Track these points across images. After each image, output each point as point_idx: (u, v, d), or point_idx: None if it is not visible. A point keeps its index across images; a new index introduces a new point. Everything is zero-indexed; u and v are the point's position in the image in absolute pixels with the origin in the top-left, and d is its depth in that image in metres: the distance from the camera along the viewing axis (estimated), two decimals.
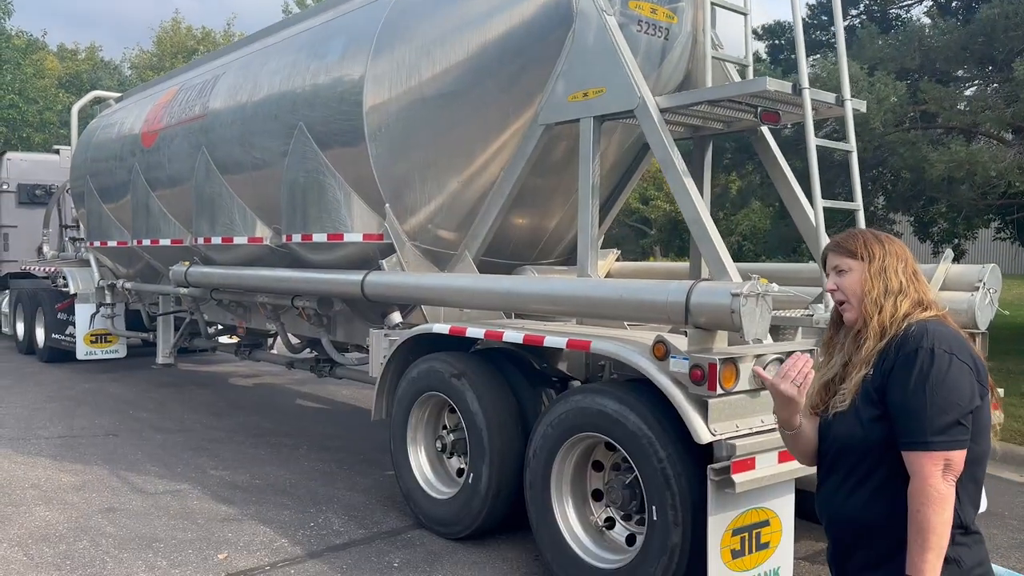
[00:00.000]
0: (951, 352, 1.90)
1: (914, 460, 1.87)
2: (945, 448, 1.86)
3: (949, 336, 1.95)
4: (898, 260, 2.07)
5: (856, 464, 2.00)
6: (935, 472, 1.84)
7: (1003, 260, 21.32)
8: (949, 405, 1.86)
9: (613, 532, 4.12)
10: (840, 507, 2.04)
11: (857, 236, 2.13)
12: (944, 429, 1.86)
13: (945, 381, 1.87)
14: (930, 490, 1.84)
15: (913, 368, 1.89)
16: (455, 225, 5.62)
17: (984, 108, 8.91)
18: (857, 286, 2.07)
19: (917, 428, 1.87)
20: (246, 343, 8.66)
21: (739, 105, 4.66)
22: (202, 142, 7.22)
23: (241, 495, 5.64)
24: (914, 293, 2.04)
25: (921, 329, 1.96)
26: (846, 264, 2.10)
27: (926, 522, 1.83)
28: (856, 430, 1.99)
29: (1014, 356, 10.52)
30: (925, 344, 1.91)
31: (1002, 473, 6.32)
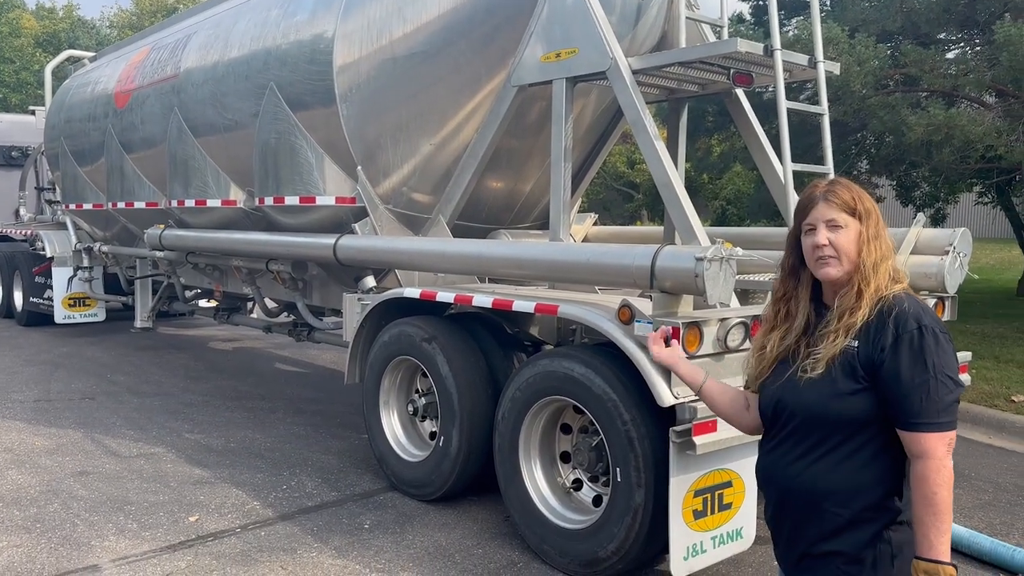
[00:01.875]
0: (943, 331, 1.89)
1: (925, 441, 1.83)
2: (950, 428, 1.86)
3: (934, 314, 1.93)
4: (879, 219, 2.01)
5: (825, 434, 1.95)
6: (946, 451, 1.84)
7: (984, 224, 21.40)
8: (952, 384, 1.86)
9: (580, 493, 4.16)
10: (800, 475, 1.98)
11: (851, 187, 2.02)
12: (948, 408, 1.86)
13: (947, 361, 1.87)
14: (944, 470, 1.82)
15: (917, 348, 1.85)
16: (429, 188, 5.58)
17: (966, 71, 8.87)
18: (852, 245, 1.97)
19: (926, 409, 1.84)
20: (224, 307, 8.63)
21: (711, 67, 4.61)
22: (174, 103, 7.11)
23: (215, 458, 5.66)
24: (891, 259, 1.99)
25: (915, 305, 1.91)
26: (843, 219, 1.97)
27: (944, 503, 1.81)
28: (831, 401, 1.92)
29: (991, 320, 10.63)
30: (925, 322, 1.87)
31: (972, 435, 6.41)
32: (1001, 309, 11.88)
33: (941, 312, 4.81)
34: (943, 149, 8.53)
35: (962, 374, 4.94)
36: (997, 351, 8.48)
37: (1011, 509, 4.85)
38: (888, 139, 9.71)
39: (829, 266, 1.99)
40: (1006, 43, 7.69)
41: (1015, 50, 7.61)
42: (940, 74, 8.89)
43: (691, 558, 3.57)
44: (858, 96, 8.61)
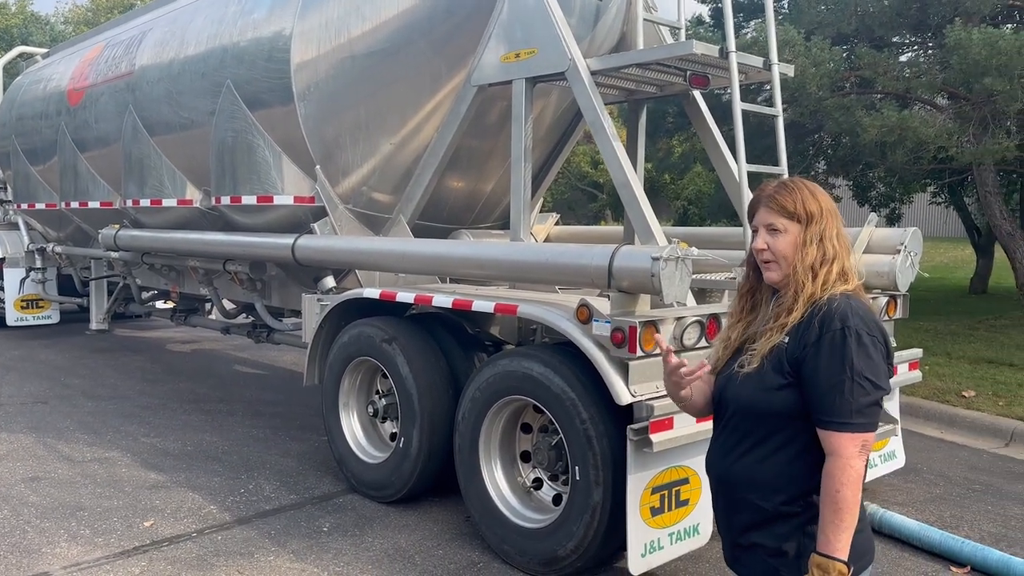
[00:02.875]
0: (872, 334, 1.89)
1: (834, 440, 1.86)
2: (864, 429, 1.87)
3: (868, 316, 1.93)
4: (832, 222, 2.01)
5: (753, 427, 2.00)
6: (855, 452, 1.85)
7: (938, 224, 21.93)
8: (870, 387, 1.87)
9: (540, 492, 4.18)
10: (731, 466, 2.04)
11: (794, 191, 2.01)
12: (864, 410, 1.86)
13: (868, 364, 1.87)
14: (850, 470, 1.84)
15: (838, 348, 1.87)
16: (390, 188, 5.55)
17: (918, 74, 9.07)
18: (790, 249, 1.99)
19: (839, 408, 1.86)
20: (182, 308, 8.52)
21: (668, 69, 4.65)
22: (129, 101, 6.99)
23: (171, 462, 5.57)
24: (840, 260, 1.99)
25: (844, 306, 1.91)
26: (781, 224, 2.00)
27: (844, 502, 1.84)
28: (760, 395, 1.97)
29: (943, 317, 10.87)
30: (850, 324, 1.88)
31: (924, 430, 6.55)
32: (953, 307, 12.16)
33: (893, 310, 4.91)
34: (897, 150, 8.71)
35: (912, 371, 5.06)
36: (949, 348, 8.67)
37: (961, 502, 4.96)
38: (844, 140, 9.89)
39: (770, 270, 2.05)
40: (956, 47, 7.88)
41: (965, 54, 7.79)
42: (893, 76, 9.08)
43: (649, 555, 3.60)
44: (814, 98, 8.75)
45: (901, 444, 5.21)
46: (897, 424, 5.02)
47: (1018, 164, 10.44)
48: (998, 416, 6.44)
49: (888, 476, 5.15)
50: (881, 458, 5.03)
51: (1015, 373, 7.53)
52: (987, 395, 6.90)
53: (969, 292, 14.31)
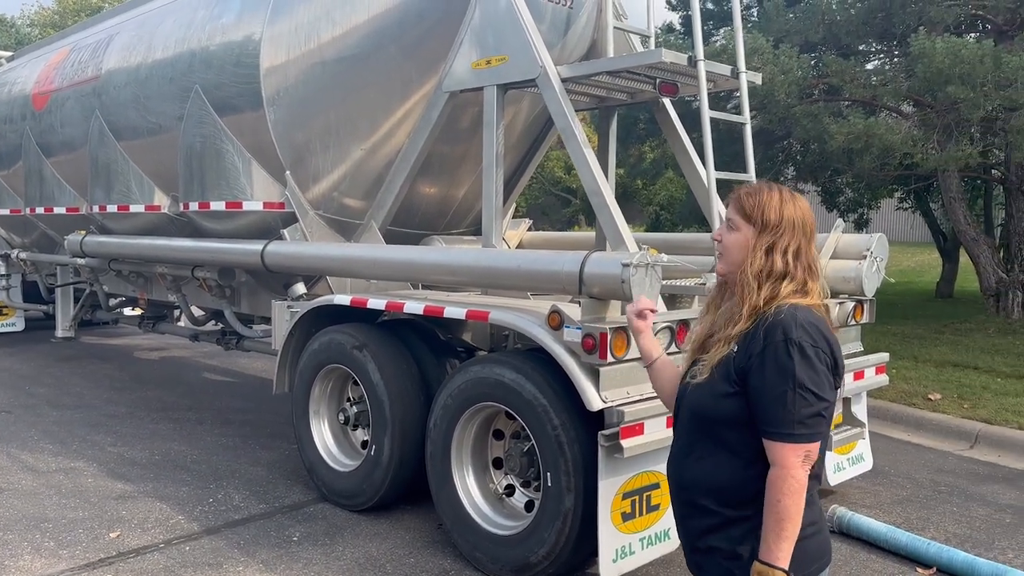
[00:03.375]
0: (816, 346, 1.89)
1: (776, 450, 1.88)
2: (807, 440, 1.87)
3: (814, 327, 1.92)
4: (791, 237, 1.98)
5: (706, 433, 2.03)
6: (796, 462, 1.87)
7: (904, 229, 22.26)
8: (813, 398, 1.87)
9: (512, 499, 4.17)
10: (686, 471, 2.07)
11: (760, 195, 2.02)
12: (806, 421, 1.87)
13: (810, 376, 1.87)
14: (792, 480, 1.86)
15: (780, 360, 1.87)
16: (361, 194, 5.53)
17: (884, 81, 9.22)
18: (736, 248, 2.02)
19: (781, 419, 1.87)
20: (150, 315, 8.38)
21: (638, 76, 4.69)
22: (95, 105, 6.90)
23: (138, 472, 5.49)
24: (799, 277, 1.97)
25: (789, 317, 1.91)
26: (737, 221, 2.02)
27: (785, 511, 1.86)
28: (709, 401, 2.00)
29: (910, 321, 11.04)
30: (793, 335, 1.88)
31: (892, 433, 6.64)
32: (920, 310, 12.36)
33: (860, 315, 4.98)
34: (864, 156, 8.84)
35: (879, 374, 5.13)
36: (916, 351, 8.80)
37: (927, 504, 5.04)
38: (812, 146, 10.02)
39: (719, 261, 2.11)
40: (921, 55, 8.02)
41: (929, 62, 7.94)
42: (860, 84, 9.23)
43: (620, 560, 3.61)
44: (783, 105, 8.86)
45: (869, 447, 5.28)
46: (865, 428, 5.09)
47: (981, 170, 10.66)
48: (963, 419, 6.55)
49: (856, 479, 5.22)
50: (849, 461, 5.10)
51: (979, 376, 7.67)
52: (952, 398, 7.01)
53: (935, 296, 14.55)
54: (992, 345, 9.03)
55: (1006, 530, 4.63)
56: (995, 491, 5.28)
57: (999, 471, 5.72)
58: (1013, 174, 10.17)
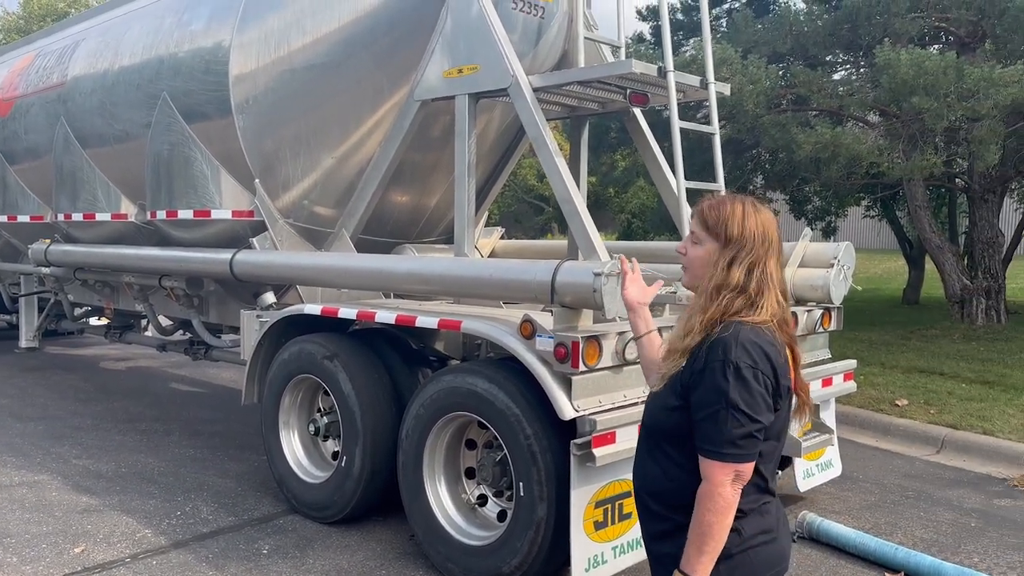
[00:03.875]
0: (755, 367, 1.88)
1: (706, 467, 1.89)
2: (735, 460, 1.87)
3: (757, 348, 1.90)
4: (752, 250, 1.97)
5: (659, 442, 2.05)
6: (725, 481, 1.87)
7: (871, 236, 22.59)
8: (745, 419, 1.86)
9: (485, 509, 4.15)
10: (641, 478, 2.11)
11: (722, 208, 2.02)
12: (737, 442, 1.87)
13: (743, 396, 1.86)
14: (718, 498, 1.87)
15: (716, 379, 1.88)
16: (332, 202, 5.49)
17: (851, 92, 9.37)
18: (699, 262, 2.03)
19: (712, 437, 1.88)
20: (116, 325, 8.26)
21: (609, 86, 4.71)
22: (61, 112, 6.80)
23: (104, 485, 5.39)
24: (752, 292, 1.96)
25: (732, 336, 1.90)
26: (700, 235, 2.04)
27: (708, 528, 1.87)
28: (660, 413, 2.03)
29: (878, 327, 11.20)
30: (731, 355, 1.88)
31: (859, 438, 6.71)
32: (887, 317, 12.54)
33: (828, 322, 5.04)
34: (831, 166, 8.97)
35: (847, 381, 5.19)
36: (883, 357, 8.93)
37: (895, 509, 5.10)
38: (781, 156, 10.14)
39: (685, 274, 2.11)
40: (886, 66, 8.16)
41: (894, 73, 8.08)
42: (827, 94, 9.36)
43: (592, 569, 3.60)
44: (751, 115, 8.96)
45: (838, 453, 5.33)
46: (833, 434, 5.15)
47: (945, 179, 10.86)
48: (929, 424, 6.64)
49: (825, 485, 5.26)
50: (818, 467, 5.14)
51: (945, 382, 7.79)
52: (919, 403, 7.11)
53: (902, 303, 14.77)
54: (957, 351, 9.18)
55: (972, 534, 4.70)
56: (961, 495, 5.36)
57: (965, 475, 5.80)
58: (976, 183, 10.37)
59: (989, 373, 8.03)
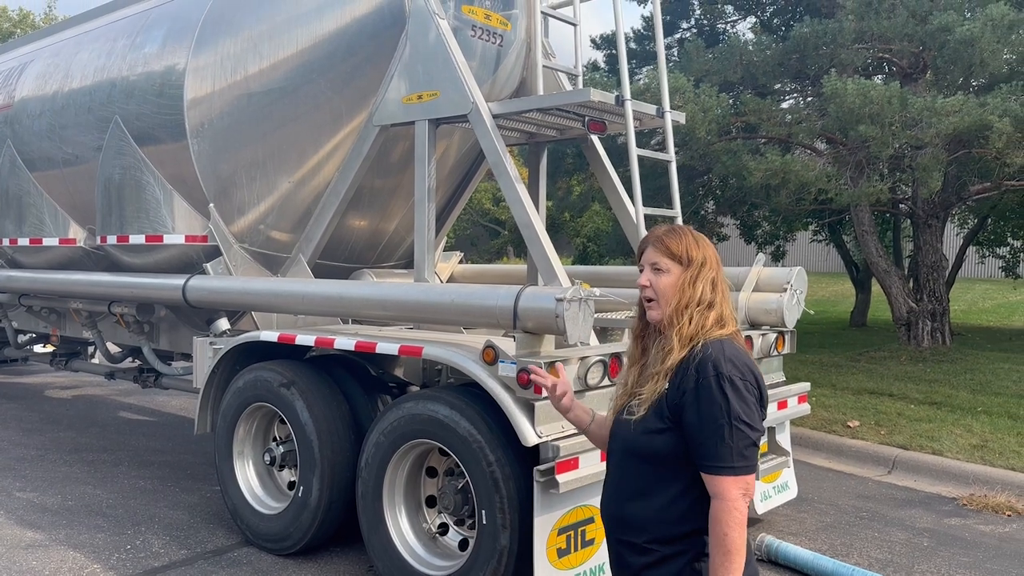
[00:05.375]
0: (745, 378, 1.95)
1: (718, 484, 1.91)
2: (746, 472, 1.92)
3: (741, 360, 1.98)
4: (710, 269, 2.07)
5: (638, 469, 2.05)
6: (739, 495, 1.90)
7: (819, 260, 23.15)
8: (748, 430, 1.92)
9: (446, 538, 4.11)
10: (620, 507, 2.09)
11: (680, 236, 2.11)
12: (744, 453, 1.91)
13: (744, 408, 1.92)
14: (736, 513, 1.89)
15: (715, 395, 1.92)
16: (289, 227, 5.43)
17: (799, 120, 9.62)
18: (670, 289, 2.06)
19: (722, 453, 1.90)
20: (62, 352, 8.02)
21: (568, 114, 4.76)
22: (7, 134, 6.63)
23: (50, 518, 5.20)
24: (718, 307, 2.05)
25: (718, 352, 1.97)
26: (664, 264, 2.08)
27: (733, 544, 1.88)
28: (642, 438, 2.03)
29: (827, 350, 11.43)
30: (723, 370, 1.93)
31: (813, 460, 6.82)
32: (836, 339, 12.81)
33: (782, 346, 5.12)
34: (780, 192, 9.18)
35: (801, 403, 5.28)
36: (834, 379, 9.11)
37: (850, 530, 5.18)
38: (731, 182, 10.35)
39: (651, 309, 2.12)
40: (833, 96, 8.41)
41: (841, 102, 8.32)
42: (776, 122, 9.60)
43: None
44: (703, 142, 9.14)
45: (793, 475, 5.41)
46: (789, 456, 5.22)
47: (891, 205, 11.18)
48: (880, 444, 6.78)
49: (782, 507, 5.33)
50: (775, 489, 5.21)
51: (894, 403, 7.97)
52: (870, 424, 7.26)
53: (850, 325, 15.12)
54: (905, 373, 9.42)
55: (924, 553, 4.79)
56: (913, 515, 5.47)
57: (916, 495, 5.93)
58: (920, 208, 10.70)
59: (936, 394, 8.24)
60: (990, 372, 9.41)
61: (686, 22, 12.76)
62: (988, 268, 21.10)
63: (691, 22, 12.83)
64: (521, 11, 5.25)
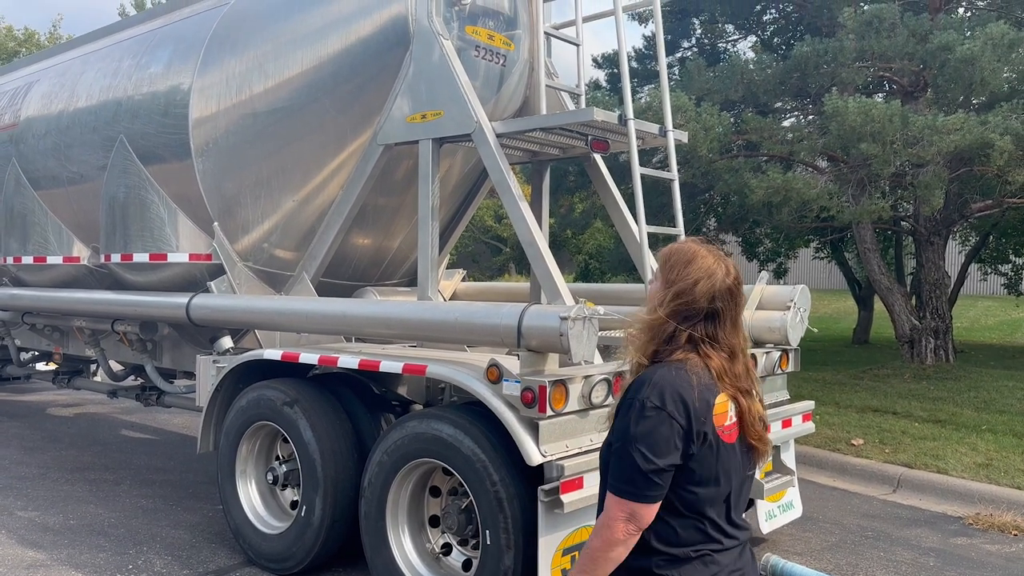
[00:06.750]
0: (662, 407, 1.88)
1: (607, 498, 1.94)
2: (628, 498, 1.88)
3: (672, 389, 1.90)
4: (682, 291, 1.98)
5: (605, 481, 2.06)
6: (618, 516, 1.89)
7: (821, 277, 23.16)
8: (641, 459, 1.86)
9: (450, 558, 4.08)
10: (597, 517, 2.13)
11: (673, 250, 2.08)
12: (633, 479, 1.87)
13: (644, 436, 1.87)
14: (606, 531, 1.89)
15: (625, 416, 1.93)
16: (293, 245, 5.45)
17: (800, 138, 9.65)
18: (649, 299, 2.09)
19: (615, 471, 1.92)
20: (65, 370, 8.02)
21: (571, 133, 4.79)
22: (12, 153, 6.68)
23: (52, 538, 5.17)
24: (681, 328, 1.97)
25: (650, 375, 1.94)
26: (657, 272, 2.11)
27: (593, 553, 1.92)
28: (603, 449, 2.06)
29: (830, 367, 11.41)
30: (641, 395, 1.91)
31: (816, 478, 6.78)
32: (839, 356, 12.79)
33: (786, 364, 5.11)
34: (782, 209, 9.19)
35: (806, 422, 5.26)
36: (837, 397, 9.08)
37: (855, 549, 5.14)
38: (733, 199, 10.37)
39: None
40: (834, 114, 8.44)
41: (843, 120, 8.35)
42: (778, 140, 9.63)
43: None
44: (705, 160, 9.17)
45: (798, 494, 5.37)
46: (794, 475, 5.19)
47: (893, 222, 11.20)
48: (885, 463, 6.75)
49: (787, 526, 5.29)
50: (780, 508, 5.17)
51: (898, 421, 7.94)
52: (874, 443, 7.23)
53: (852, 342, 15.09)
54: (908, 390, 9.39)
55: (931, 573, 4.76)
56: (918, 535, 5.44)
57: (921, 515, 5.89)
58: (922, 226, 10.71)
59: (940, 412, 8.21)
60: (994, 390, 9.38)
61: (687, 41, 12.83)
62: (990, 285, 21.11)
63: (692, 41, 12.90)
64: (524, 31, 5.29)
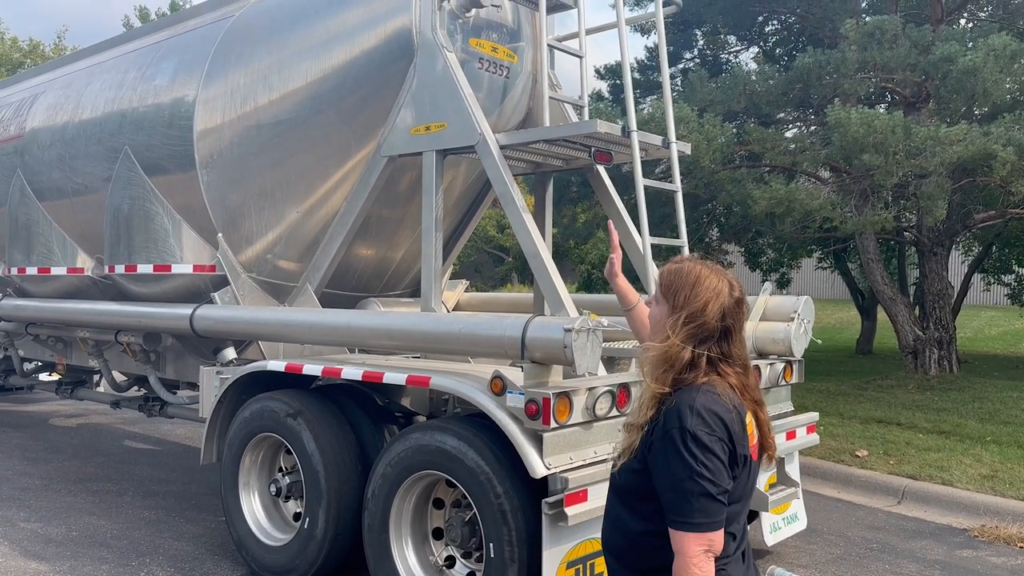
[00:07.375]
0: (712, 432, 1.88)
1: (678, 539, 1.87)
2: (707, 529, 1.85)
3: (712, 412, 1.89)
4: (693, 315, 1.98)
5: (621, 502, 2.06)
6: (698, 552, 1.85)
7: (824, 287, 23.13)
8: (709, 486, 1.85)
9: (453, 571, 4.07)
10: (607, 537, 2.12)
11: (673, 272, 2.07)
12: (706, 510, 1.85)
13: (706, 465, 1.85)
14: (694, 569, 1.84)
15: (677, 449, 1.87)
16: (296, 256, 5.46)
17: (803, 149, 9.66)
18: (655, 323, 2.09)
19: (681, 508, 1.86)
20: (68, 381, 8.02)
21: (574, 144, 4.79)
22: (17, 164, 6.70)
23: (54, 549, 5.16)
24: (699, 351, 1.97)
25: (688, 402, 1.90)
26: (659, 295, 2.08)
27: None
28: (620, 473, 2.04)
29: (834, 378, 11.38)
30: (688, 424, 1.87)
31: (821, 490, 6.76)
32: (843, 367, 12.75)
33: (790, 375, 5.10)
34: (785, 220, 9.19)
35: (810, 434, 5.24)
36: (841, 408, 9.05)
37: (860, 562, 5.12)
38: (736, 210, 10.38)
39: None
40: (837, 125, 8.45)
41: (845, 131, 8.36)
42: (780, 151, 9.65)
43: None
44: (708, 170, 9.18)
45: (803, 506, 5.36)
46: (798, 487, 5.17)
47: (896, 233, 11.20)
48: (889, 475, 6.72)
49: (792, 538, 5.27)
50: (784, 521, 5.16)
51: (902, 432, 7.92)
52: (879, 454, 7.20)
53: (856, 353, 15.06)
54: (912, 401, 9.36)
55: None
56: (923, 547, 5.41)
57: (926, 527, 5.87)
58: (925, 236, 10.71)
59: (945, 423, 8.18)
60: (998, 400, 9.35)
61: (689, 52, 12.88)
62: (994, 295, 21.06)
63: (694, 52, 12.95)
64: (527, 43, 5.31)
